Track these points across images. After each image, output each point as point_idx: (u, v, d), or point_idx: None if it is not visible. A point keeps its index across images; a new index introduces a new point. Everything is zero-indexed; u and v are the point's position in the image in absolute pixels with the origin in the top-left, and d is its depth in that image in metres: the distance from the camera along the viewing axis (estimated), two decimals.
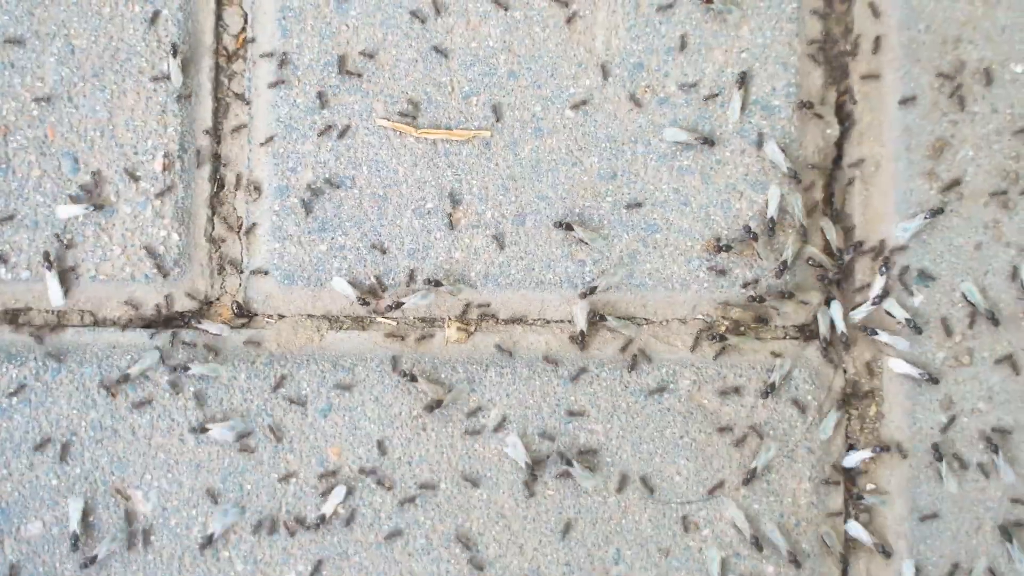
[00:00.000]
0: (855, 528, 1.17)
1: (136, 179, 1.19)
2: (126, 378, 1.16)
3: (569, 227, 1.16)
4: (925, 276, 1.19)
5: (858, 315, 1.18)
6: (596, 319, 1.18)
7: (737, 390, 1.18)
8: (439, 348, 1.19)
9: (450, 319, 1.20)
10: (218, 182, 1.21)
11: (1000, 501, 1.17)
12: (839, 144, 1.22)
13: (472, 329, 1.20)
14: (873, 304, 1.18)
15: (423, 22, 1.19)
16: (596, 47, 1.20)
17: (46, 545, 1.16)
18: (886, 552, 1.17)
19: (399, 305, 1.16)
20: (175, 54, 1.17)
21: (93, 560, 1.14)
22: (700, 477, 1.18)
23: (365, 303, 1.18)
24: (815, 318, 1.20)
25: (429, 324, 1.20)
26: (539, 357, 1.19)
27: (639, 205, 1.18)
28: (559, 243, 1.19)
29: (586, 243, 1.18)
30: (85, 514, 1.16)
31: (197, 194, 1.21)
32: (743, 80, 1.18)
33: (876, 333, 1.17)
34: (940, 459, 1.16)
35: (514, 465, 1.18)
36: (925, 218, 1.17)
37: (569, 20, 1.19)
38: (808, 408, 1.19)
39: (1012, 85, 1.19)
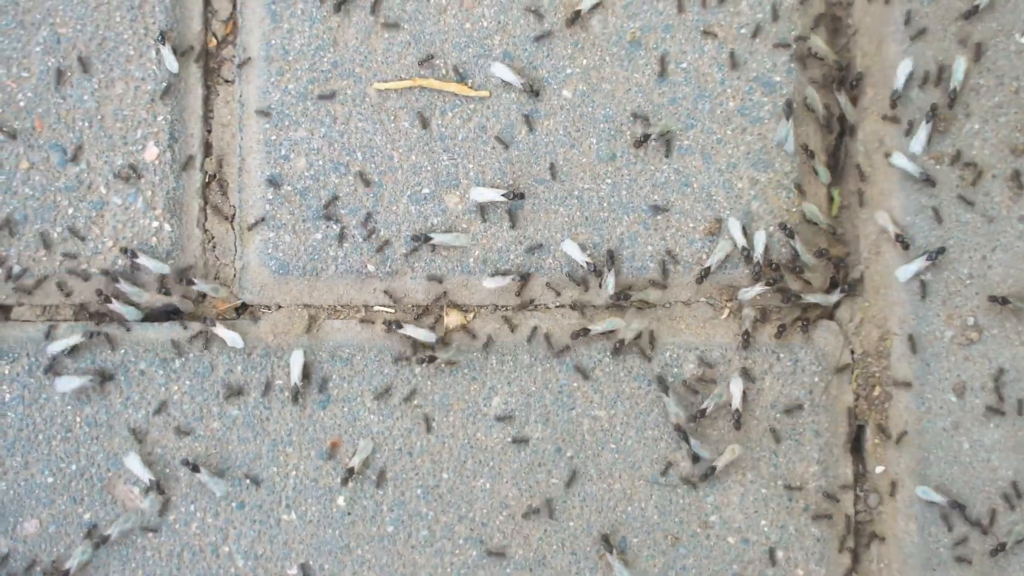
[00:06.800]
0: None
1: (126, 170, 1.16)
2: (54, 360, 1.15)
3: (427, 239, 1.14)
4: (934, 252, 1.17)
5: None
6: (619, 296, 1.15)
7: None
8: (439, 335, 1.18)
9: (449, 305, 1.18)
10: (210, 171, 1.19)
11: None
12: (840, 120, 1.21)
13: (472, 316, 1.18)
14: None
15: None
16: (592, 26, 1.17)
17: (42, 544, 1.15)
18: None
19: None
20: (163, 41, 1.15)
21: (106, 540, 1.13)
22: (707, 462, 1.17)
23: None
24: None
25: (427, 312, 1.18)
26: (541, 342, 1.17)
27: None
28: (559, 227, 1.17)
29: (454, 246, 1.16)
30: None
31: (189, 184, 1.19)
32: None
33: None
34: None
35: (510, 425, 1.16)
36: (928, 259, 1.14)
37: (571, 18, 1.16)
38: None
39: (1017, 56, 1.16)
